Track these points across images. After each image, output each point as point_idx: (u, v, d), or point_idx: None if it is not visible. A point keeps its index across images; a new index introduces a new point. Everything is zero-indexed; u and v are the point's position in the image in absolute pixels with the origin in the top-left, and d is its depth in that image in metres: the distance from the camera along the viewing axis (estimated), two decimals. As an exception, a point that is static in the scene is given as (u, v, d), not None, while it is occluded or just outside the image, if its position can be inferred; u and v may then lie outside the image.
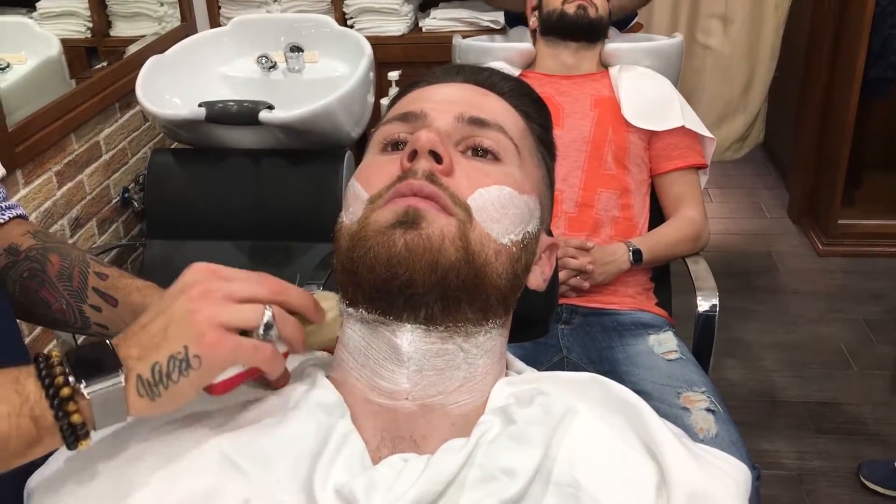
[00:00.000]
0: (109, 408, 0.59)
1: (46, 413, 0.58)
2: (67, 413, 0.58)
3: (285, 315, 0.64)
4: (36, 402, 0.59)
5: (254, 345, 0.62)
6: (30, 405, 0.59)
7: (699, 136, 1.92)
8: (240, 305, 0.62)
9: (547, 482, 0.64)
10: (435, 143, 0.71)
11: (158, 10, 2.83)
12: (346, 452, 0.65)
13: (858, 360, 2.62)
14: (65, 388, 0.58)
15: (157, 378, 0.60)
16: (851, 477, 2.17)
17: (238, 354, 0.62)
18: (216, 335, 0.60)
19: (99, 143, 2.33)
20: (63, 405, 0.58)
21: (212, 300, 0.61)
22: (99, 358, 0.60)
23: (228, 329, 0.61)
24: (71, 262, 0.92)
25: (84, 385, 0.58)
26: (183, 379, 0.60)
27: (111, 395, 0.59)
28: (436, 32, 3.02)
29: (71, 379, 0.59)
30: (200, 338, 0.60)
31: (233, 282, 0.63)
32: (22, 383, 0.59)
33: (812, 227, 3.35)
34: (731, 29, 3.66)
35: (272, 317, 0.63)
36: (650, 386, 1.54)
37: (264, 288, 0.64)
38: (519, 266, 0.73)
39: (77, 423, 0.59)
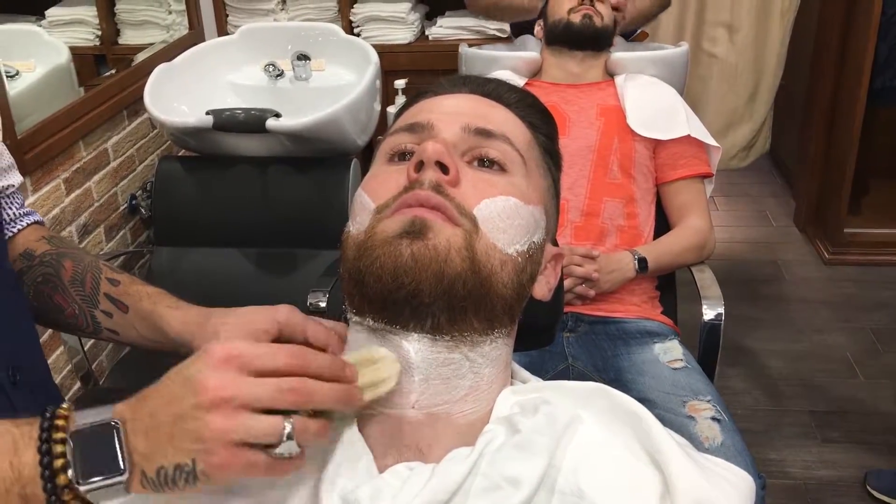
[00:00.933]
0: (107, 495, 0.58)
1: (39, 493, 0.57)
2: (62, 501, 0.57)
3: (308, 425, 0.59)
4: (29, 480, 0.57)
5: (267, 464, 0.58)
6: (22, 483, 0.57)
7: (705, 144, 1.92)
8: (256, 418, 0.57)
9: (551, 491, 0.64)
10: (441, 153, 0.71)
11: (166, 19, 2.84)
12: (352, 460, 0.66)
13: (864, 369, 2.62)
14: (62, 476, 0.57)
15: (161, 481, 0.58)
16: (857, 486, 2.16)
17: (249, 473, 0.58)
18: (226, 455, 0.56)
19: (107, 150, 2.35)
20: (58, 492, 0.57)
21: (226, 413, 0.56)
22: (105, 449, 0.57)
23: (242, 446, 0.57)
24: (84, 268, 0.94)
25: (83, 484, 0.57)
26: (188, 487, 0.58)
27: (111, 490, 0.58)
28: (442, 41, 3.04)
29: (70, 472, 0.57)
30: (209, 456, 0.56)
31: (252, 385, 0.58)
32: (19, 455, 0.58)
33: (818, 236, 3.35)
34: (736, 37, 3.66)
35: (293, 429, 0.58)
36: (655, 394, 1.54)
37: (288, 397, 0.58)
38: (524, 276, 0.74)
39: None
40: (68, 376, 2.11)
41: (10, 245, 0.96)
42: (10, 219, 0.97)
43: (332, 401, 0.61)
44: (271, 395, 0.58)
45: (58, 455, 0.57)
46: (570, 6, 1.99)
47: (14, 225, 0.98)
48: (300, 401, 0.59)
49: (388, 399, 0.68)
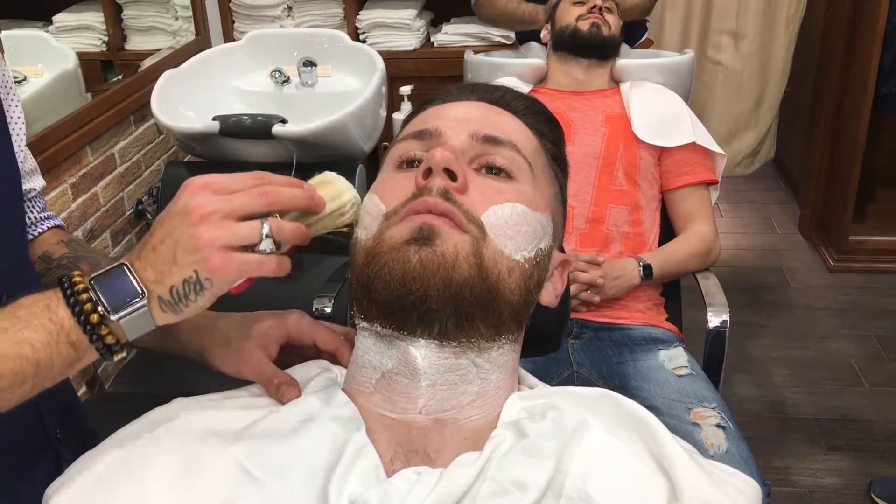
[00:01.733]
0: (138, 325, 0.65)
1: (82, 338, 0.64)
2: (101, 336, 0.64)
3: (283, 224, 0.67)
4: (71, 328, 0.64)
5: (257, 259, 0.65)
6: (66, 332, 0.64)
7: (710, 151, 1.92)
8: (238, 224, 0.65)
9: (558, 496, 0.65)
10: (450, 160, 0.72)
11: (173, 25, 2.85)
12: (361, 465, 0.66)
13: (869, 376, 2.61)
14: (93, 315, 0.64)
15: (176, 299, 0.65)
16: (862, 494, 2.15)
17: (244, 271, 0.65)
18: (221, 257, 0.63)
19: (113, 155, 2.36)
20: (95, 329, 0.64)
21: (211, 223, 0.64)
22: (121, 282, 0.65)
23: (232, 248, 0.64)
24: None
25: (112, 313, 0.64)
26: (199, 297, 0.65)
27: (138, 317, 0.64)
28: (448, 47, 3.04)
29: (99, 308, 0.64)
30: (207, 262, 0.63)
31: (229, 198, 0.65)
32: (53, 311, 0.64)
33: (823, 243, 3.35)
34: (741, 45, 3.67)
35: (270, 230, 0.66)
36: (660, 401, 1.54)
37: (259, 200, 0.66)
38: (531, 282, 0.74)
39: (111, 344, 0.65)
40: (74, 380, 2.11)
41: (31, 247, 0.98)
42: (31, 222, 0.99)
43: (298, 200, 0.68)
44: (246, 202, 0.65)
45: (84, 301, 0.64)
46: (578, 14, 1.99)
47: (35, 228, 0.99)
48: (271, 201, 0.66)
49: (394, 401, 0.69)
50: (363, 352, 0.73)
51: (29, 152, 0.98)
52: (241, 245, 0.65)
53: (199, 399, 0.76)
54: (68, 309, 0.64)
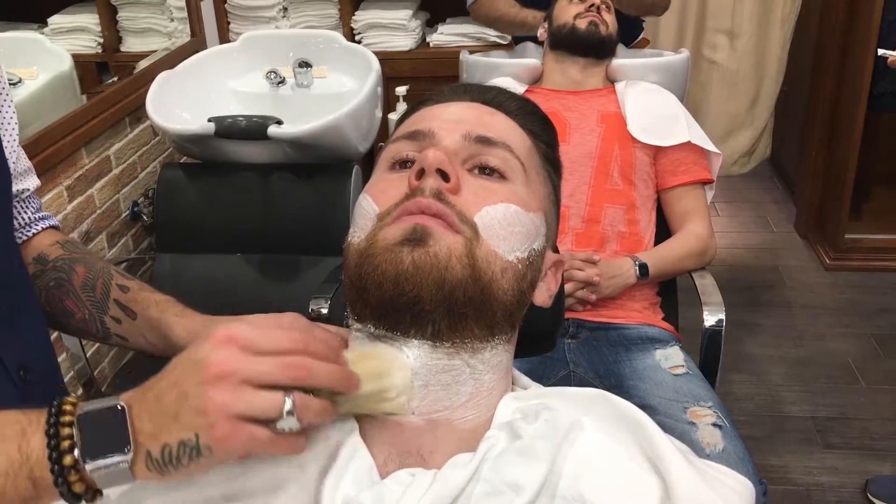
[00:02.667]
0: (112, 479, 0.59)
1: (47, 476, 0.58)
2: (68, 482, 0.58)
3: (308, 402, 0.60)
4: (37, 463, 0.58)
5: (269, 438, 0.59)
6: (30, 465, 0.58)
7: (705, 151, 1.92)
8: (258, 393, 0.58)
9: (552, 497, 0.65)
10: (442, 161, 0.72)
11: (168, 26, 2.85)
12: (355, 467, 0.66)
13: (866, 374, 2.62)
14: (68, 457, 0.58)
15: (166, 459, 0.58)
16: (859, 493, 2.16)
17: (251, 448, 0.59)
18: (229, 428, 0.57)
19: (109, 157, 2.35)
20: (64, 473, 0.58)
21: (227, 386, 0.58)
22: (111, 430, 0.59)
23: (244, 419, 0.58)
24: (95, 274, 0.95)
25: (89, 462, 0.58)
26: (192, 464, 0.59)
27: (116, 471, 0.59)
28: (443, 48, 3.05)
29: (76, 452, 0.58)
30: (212, 429, 0.57)
31: (254, 361, 0.59)
32: (27, 438, 0.59)
33: (819, 242, 3.35)
34: (737, 44, 3.67)
35: (293, 405, 0.59)
36: (657, 401, 1.54)
37: (288, 372, 0.59)
38: (525, 283, 0.74)
39: (79, 493, 0.59)
40: (70, 383, 2.11)
41: (25, 248, 0.97)
42: (25, 222, 0.98)
43: (330, 379, 0.62)
44: (272, 371, 0.59)
45: (65, 437, 0.58)
46: (576, 12, 1.99)
47: (29, 229, 0.99)
48: (300, 376, 0.59)
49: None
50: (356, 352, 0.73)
51: (23, 152, 0.98)
52: (256, 417, 0.58)
53: None
54: (45, 438, 0.58)
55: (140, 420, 0.59)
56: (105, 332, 0.94)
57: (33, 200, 1.00)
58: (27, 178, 0.98)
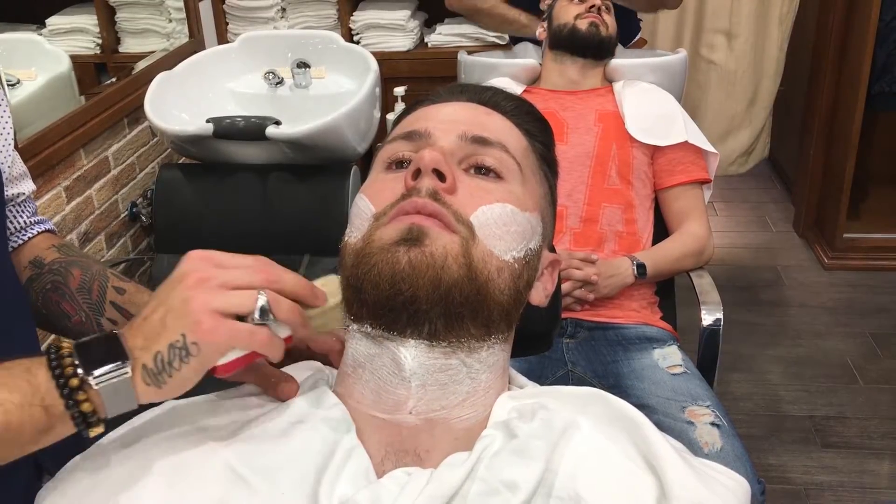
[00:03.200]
0: (119, 396, 0.61)
1: (57, 402, 0.61)
2: (77, 402, 0.60)
3: (280, 299, 0.65)
4: (47, 391, 0.61)
5: (249, 329, 0.63)
6: (41, 395, 0.61)
7: (703, 150, 1.92)
8: (234, 292, 0.63)
9: (548, 496, 0.65)
10: (438, 161, 0.72)
11: (167, 27, 2.85)
12: (351, 466, 0.66)
13: (864, 374, 2.62)
14: (73, 379, 0.60)
15: (159, 367, 0.61)
16: (857, 491, 2.16)
17: (234, 339, 0.62)
18: (211, 322, 0.61)
19: (107, 158, 2.35)
20: (73, 395, 0.60)
21: (206, 288, 0.62)
22: (107, 348, 0.62)
23: (224, 315, 0.62)
24: (91, 276, 0.96)
25: (93, 376, 0.60)
26: (184, 366, 0.61)
27: (119, 385, 0.61)
28: (441, 48, 3.05)
29: (80, 370, 0.61)
30: (196, 325, 0.61)
31: (228, 270, 0.64)
32: (33, 373, 0.61)
33: (818, 241, 3.35)
34: (735, 44, 3.67)
35: (266, 301, 0.63)
36: (655, 400, 1.54)
37: (258, 276, 0.64)
38: (521, 282, 0.74)
39: (87, 412, 0.61)
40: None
41: (21, 252, 0.98)
42: (21, 226, 0.98)
43: (298, 288, 0.67)
44: (244, 275, 0.64)
45: (67, 365, 0.61)
46: (576, 12, 2.00)
47: (25, 233, 0.99)
48: (270, 279, 0.65)
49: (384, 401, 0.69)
50: (353, 353, 0.73)
51: (18, 156, 0.98)
52: (235, 313, 0.62)
53: (190, 402, 0.76)
54: (49, 371, 0.61)
55: (133, 339, 0.62)
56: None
57: (29, 204, 1.00)
58: (22, 183, 0.98)
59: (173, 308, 0.62)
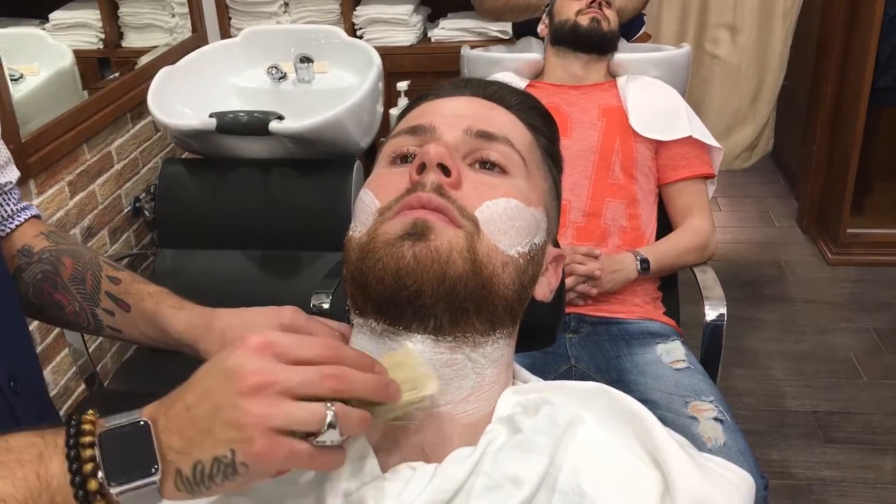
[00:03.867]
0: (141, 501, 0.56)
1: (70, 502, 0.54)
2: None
3: (349, 413, 0.57)
4: (58, 489, 0.54)
5: (309, 454, 0.56)
6: (51, 493, 0.54)
7: (706, 145, 1.92)
8: (298, 405, 0.55)
9: (552, 490, 0.65)
10: (443, 156, 0.72)
11: (170, 22, 2.85)
12: (356, 460, 0.66)
13: (868, 369, 2.62)
14: (92, 482, 0.54)
15: (198, 478, 0.55)
16: (860, 487, 2.16)
17: (291, 462, 0.56)
18: (267, 443, 0.54)
19: (111, 153, 2.36)
20: (89, 498, 0.54)
21: (265, 397, 0.54)
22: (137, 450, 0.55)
23: (283, 433, 0.55)
24: (84, 265, 0.94)
25: (115, 486, 0.54)
26: (226, 483, 0.55)
27: (144, 492, 0.55)
28: (444, 43, 3.04)
29: (101, 474, 0.54)
30: (249, 444, 0.54)
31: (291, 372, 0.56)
32: (45, 463, 0.55)
33: (821, 236, 3.35)
34: (739, 38, 3.66)
35: (335, 417, 0.56)
36: (658, 395, 1.54)
37: (327, 383, 0.56)
38: (526, 277, 0.74)
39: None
40: (73, 378, 2.12)
41: (9, 241, 0.96)
42: (8, 215, 0.97)
43: (370, 390, 0.59)
44: (311, 381, 0.56)
45: (87, 460, 0.54)
46: (577, 8, 1.99)
47: (11, 221, 0.97)
48: (340, 388, 0.56)
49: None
50: (358, 348, 0.73)
51: (2, 144, 0.95)
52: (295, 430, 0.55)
53: None
54: (65, 463, 0.54)
55: (168, 436, 0.56)
56: (97, 324, 0.93)
57: (13, 193, 0.98)
58: (6, 171, 0.96)
59: (224, 415, 0.54)
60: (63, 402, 2.09)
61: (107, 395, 1.90)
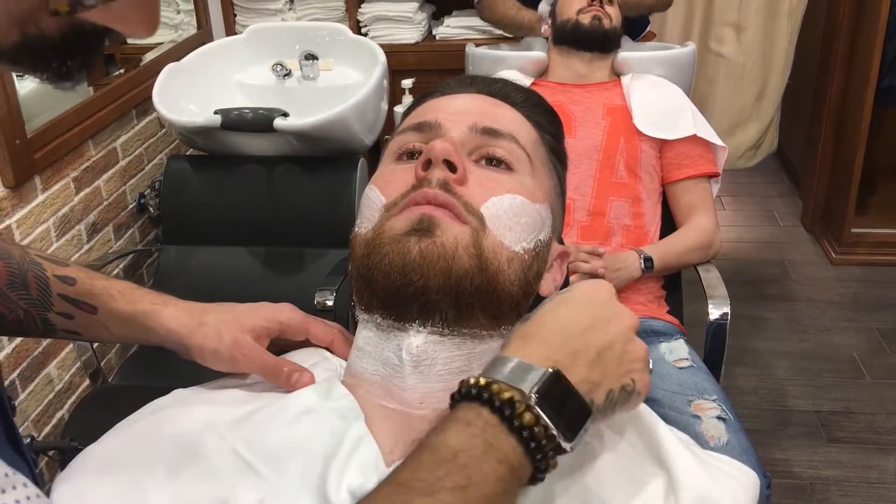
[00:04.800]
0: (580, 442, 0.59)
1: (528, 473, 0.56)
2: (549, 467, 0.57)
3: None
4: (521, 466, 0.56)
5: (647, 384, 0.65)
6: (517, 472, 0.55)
7: (711, 144, 1.92)
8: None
9: (556, 486, 0.65)
10: (449, 152, 0.72)
11: (175, 18, 2.86)
12: (360, 455, 0.66)
13: (871, 368, 2.61)
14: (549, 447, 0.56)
15: (608, 406, 0.61)
16: (863, 486, 2.16)
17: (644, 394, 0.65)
18: (647, 375, 0.64)
19: (116, 149, 2.36)
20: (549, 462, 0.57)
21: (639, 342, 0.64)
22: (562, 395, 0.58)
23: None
24: (20, 267, 0.82)
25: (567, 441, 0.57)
26: (620, 409, 0.63)
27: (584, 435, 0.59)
28: (449, 40, 3.04)
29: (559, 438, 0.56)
30: (643, 374, 0.64)
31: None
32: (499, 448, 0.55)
33: (825, 236, 3.34)
34: (744, 37, 3.66)
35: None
36: (661, 394, 1.54)
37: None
38: (531, 273, 0.74)
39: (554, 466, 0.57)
40: (77, 373, 2.12)
41: None
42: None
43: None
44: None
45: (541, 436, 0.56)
46: (579, 7, 1.99)
47: None
48: None
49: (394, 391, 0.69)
50: (364, 343, 0.73)
51: None
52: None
53: (197, 390, 0.76)
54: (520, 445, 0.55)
55: (577, 372, 0.60)
56: (48, 328, 0.83)
57: None
58: None
59: (629, 351, 0.63)
60: (67, 397, 2.10)
61: (111, 390, 1.90)
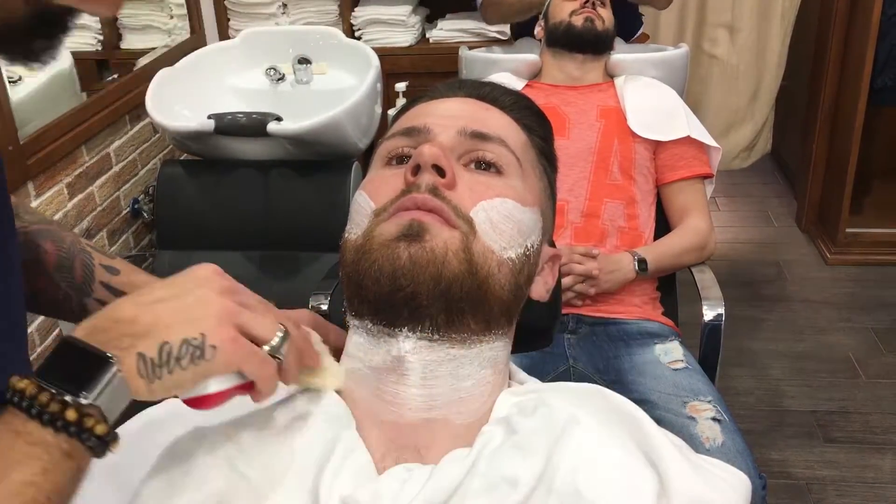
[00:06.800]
0: (116, 399, 0.55)
1: (74, 444, 0.52)
2: (90, 430, 0.53)
3: (298, 337, 0.64)
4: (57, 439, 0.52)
5: (263, 356, 0.60)
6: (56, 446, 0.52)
7: (705, 145, 1.92)
8: (257, 315, 0.61)
9: (549, 491, 0.65)
10: (438, 157, 0.72)
11: (168, 23, 2.85)
12: (352, 463, 0.66)
13: (867, 369, 2.62)
14: (70, 411, 0.52)
15: (163, 360, 0.56)
16: (860, 486, 2.16)
17: (249, 361, 0.59)
18: (234, 334, 0.58)
19: (109, 154, 2.36)
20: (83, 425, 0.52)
21: (233, 301, 0.59)
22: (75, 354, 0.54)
23: (244, 333, 0.59)
24: (70, 252, 0.86)
25: (85, 396, 0.53)
26: (190, 367, 0.56)
27: (116, 388, 0.54)
28: (443, 44, 3.04)
29: (68, 398, 0.52)
30: (220, 330, 0.57)
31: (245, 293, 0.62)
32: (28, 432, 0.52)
33: (820, 236, 3.35)
34: (737, 38, 3.66)
35: (286, 334, 0.62)
36: (656, 395, 1.54)
37: (272, 313, 0.63)
38: (521, 277, 0.74)
39: (104, 434, 0.54)
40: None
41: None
42: None
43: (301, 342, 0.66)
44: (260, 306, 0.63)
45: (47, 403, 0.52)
46: (571, 9, 1.99)
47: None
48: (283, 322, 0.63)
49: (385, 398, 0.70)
50: (354, 349, 0.73)
51: None
52: (255, 336, 0.60)
53: None
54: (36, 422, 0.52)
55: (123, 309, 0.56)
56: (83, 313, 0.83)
57: None
58: None
59: (199, 303, 0.58)
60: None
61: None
